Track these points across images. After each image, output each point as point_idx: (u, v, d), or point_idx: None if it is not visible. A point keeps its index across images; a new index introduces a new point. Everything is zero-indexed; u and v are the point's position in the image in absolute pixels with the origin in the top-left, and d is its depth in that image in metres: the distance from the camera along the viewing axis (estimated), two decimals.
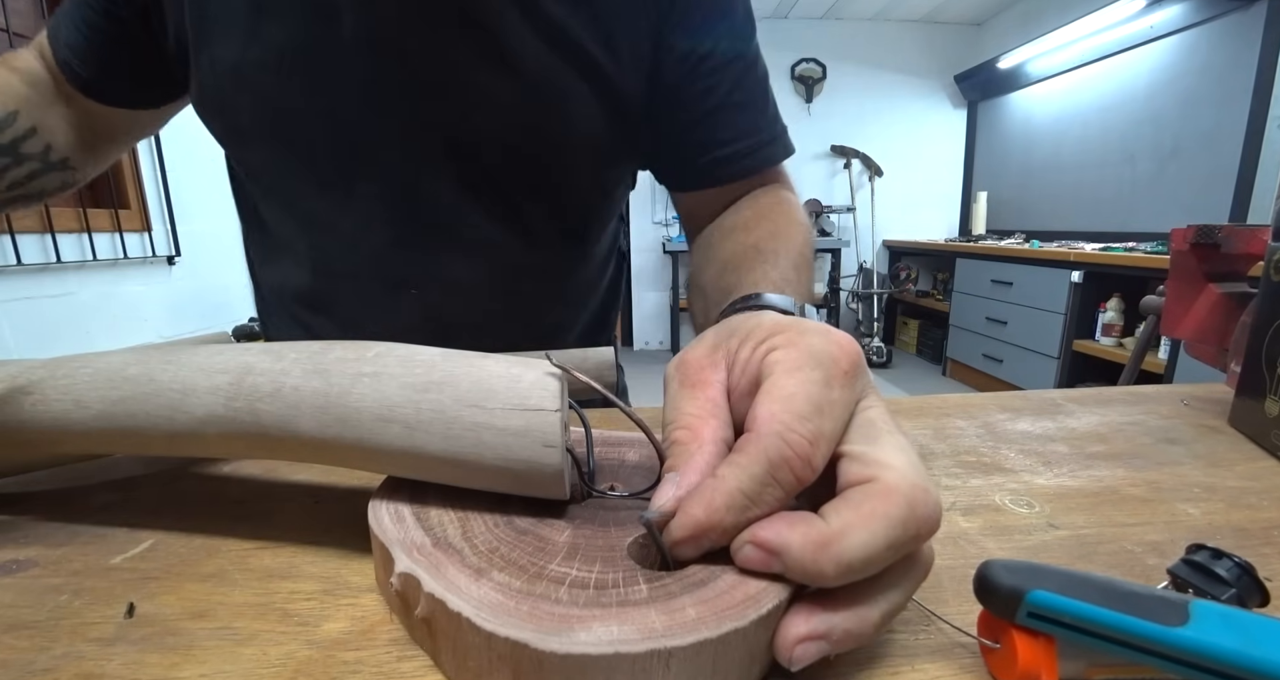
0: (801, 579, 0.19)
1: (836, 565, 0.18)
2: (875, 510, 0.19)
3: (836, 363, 0.22)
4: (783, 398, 0.20)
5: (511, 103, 0.46)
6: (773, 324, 0.24)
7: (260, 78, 0.45)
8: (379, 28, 0.44)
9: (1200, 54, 2.49)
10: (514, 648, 0.17)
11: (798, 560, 0.18)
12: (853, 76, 3.89)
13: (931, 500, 0.19)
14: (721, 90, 0.51)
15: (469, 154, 0.48)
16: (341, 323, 0.55)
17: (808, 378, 0.21)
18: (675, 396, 0.24)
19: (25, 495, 0.32)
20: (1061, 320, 2.56)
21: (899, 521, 0.19)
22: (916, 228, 4.13)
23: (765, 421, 0.20)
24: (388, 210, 0.50)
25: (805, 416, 0.20)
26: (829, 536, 0.18)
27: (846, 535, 0.18)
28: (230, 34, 0.44)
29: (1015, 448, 0.41)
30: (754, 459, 0.19)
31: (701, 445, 0.21)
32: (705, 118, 0.52)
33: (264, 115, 0.47)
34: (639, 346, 4.19)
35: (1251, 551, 0.28)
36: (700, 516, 0.19)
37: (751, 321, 0.25)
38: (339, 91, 0.45)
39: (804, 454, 0.19)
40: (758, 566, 0.19)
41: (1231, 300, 0.59)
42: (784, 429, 0.20)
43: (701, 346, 0.25)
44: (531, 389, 0.23)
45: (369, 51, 0.44)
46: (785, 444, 0.19)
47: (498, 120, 0.47)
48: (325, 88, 0.45)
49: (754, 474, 0.19)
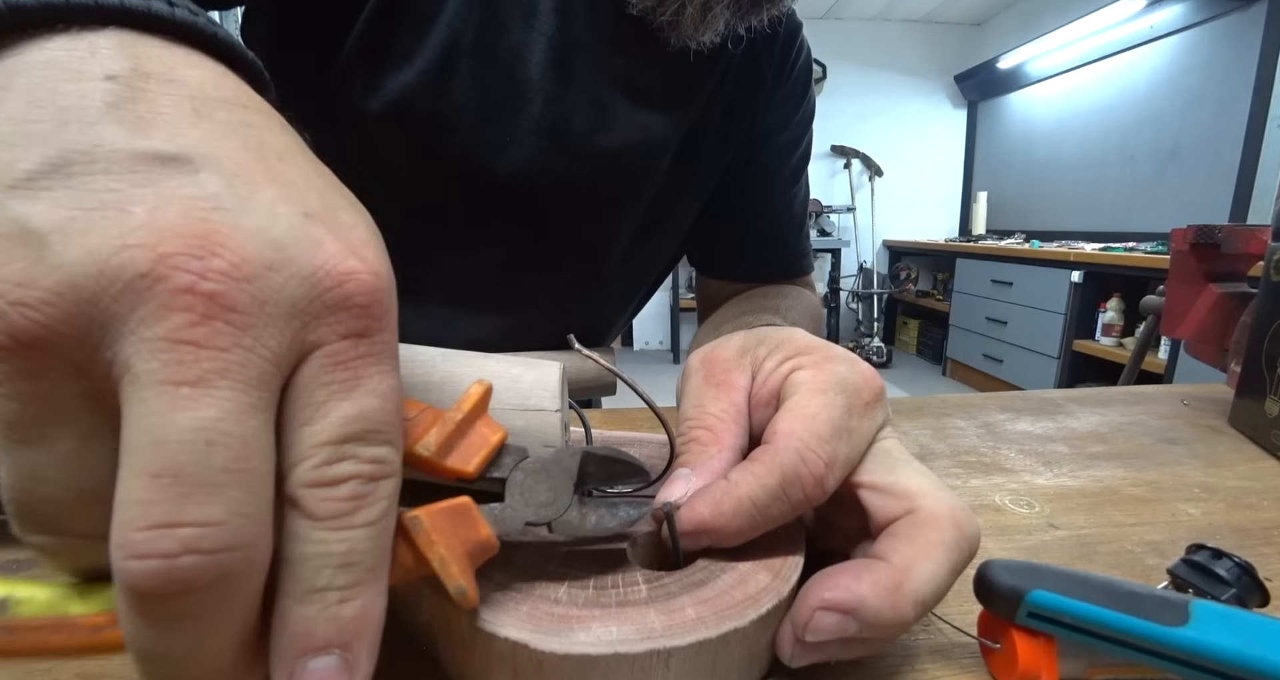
0: (881, 633, 0.18)
1: (914, 604, 0.18)
2: (930, 539, 0.19)
3: (859, 392, 0.22)
4: (805, 417, 0.21)
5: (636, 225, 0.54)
6: (804, 343, 0.24)
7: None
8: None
9: (1200, 54, 2.49)
10: (513, 648, 0.17)
11: (876, 611, 0.17)
12: (853, 76, 3.88)
13: (972, 519, 0.20)
14: (777, 189, 0.59)
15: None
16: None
17: (831, 402, 0.21)
18: (699, 392, 0.24)
19: None
20: (1061, 320, 2.55)
21: (954, 546, 0.19)
22: (916, 228, 4.12)
23: (785, 437, 0.20)
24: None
25: (825, 438, 0.20)
26: (898, 576, 0.18)
27: (913, 571, 0.18)
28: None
29: (1015, 448, 0.41)
30: (769, 471, 0.19)
31: (721, 449, 0.22)
32: (760, 216, 0.60)
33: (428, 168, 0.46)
34: (639, 346, 4.19)
35: (1251, 551, 0.28)
36: (705, 515, 0.19)
37: (782, 334, 0.25)
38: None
39: (818, 474, 0.19)
40: (833, 634, 0.18)
41: (1231, 300, 0.59)
42: (802, 446, 0.20)
43: (729, 347, 0.25)
44: (532, 389, 0.23)
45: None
46: (801, 461, 0.19)
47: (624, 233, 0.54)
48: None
49: (766, 485, 0.19)
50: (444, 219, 0.48)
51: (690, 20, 0.41)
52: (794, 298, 0.57)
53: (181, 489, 0.11)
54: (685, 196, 0.55)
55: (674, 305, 3.97)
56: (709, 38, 0.43)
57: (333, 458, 0.13)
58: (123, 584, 0.11)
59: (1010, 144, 3.69)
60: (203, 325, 0.11)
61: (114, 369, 0.11)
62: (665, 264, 0.63)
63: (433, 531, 0.15)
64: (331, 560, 0.12)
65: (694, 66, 0.46)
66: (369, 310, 0.13)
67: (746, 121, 0.55)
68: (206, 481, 0.11)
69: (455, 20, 0.41)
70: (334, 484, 0.12)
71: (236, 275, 0.12)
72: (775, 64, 0.54)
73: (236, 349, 0.11)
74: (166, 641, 0.11)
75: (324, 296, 0.13)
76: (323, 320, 0.13)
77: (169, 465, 0.11)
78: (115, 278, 0.11)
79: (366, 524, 0.13)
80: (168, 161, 0.12)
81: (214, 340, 0.11)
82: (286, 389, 0.13)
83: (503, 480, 0.18)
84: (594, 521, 0.19)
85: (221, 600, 0.11)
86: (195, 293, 0.11)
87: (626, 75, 0.46)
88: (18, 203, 0.11)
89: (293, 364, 0.13)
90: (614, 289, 0.58)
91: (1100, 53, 2.95)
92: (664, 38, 0.43)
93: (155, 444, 0.11)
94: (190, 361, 0.11)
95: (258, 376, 0.12)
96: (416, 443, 0.16)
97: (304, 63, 0.43)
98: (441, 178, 0.46)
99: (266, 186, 0.13)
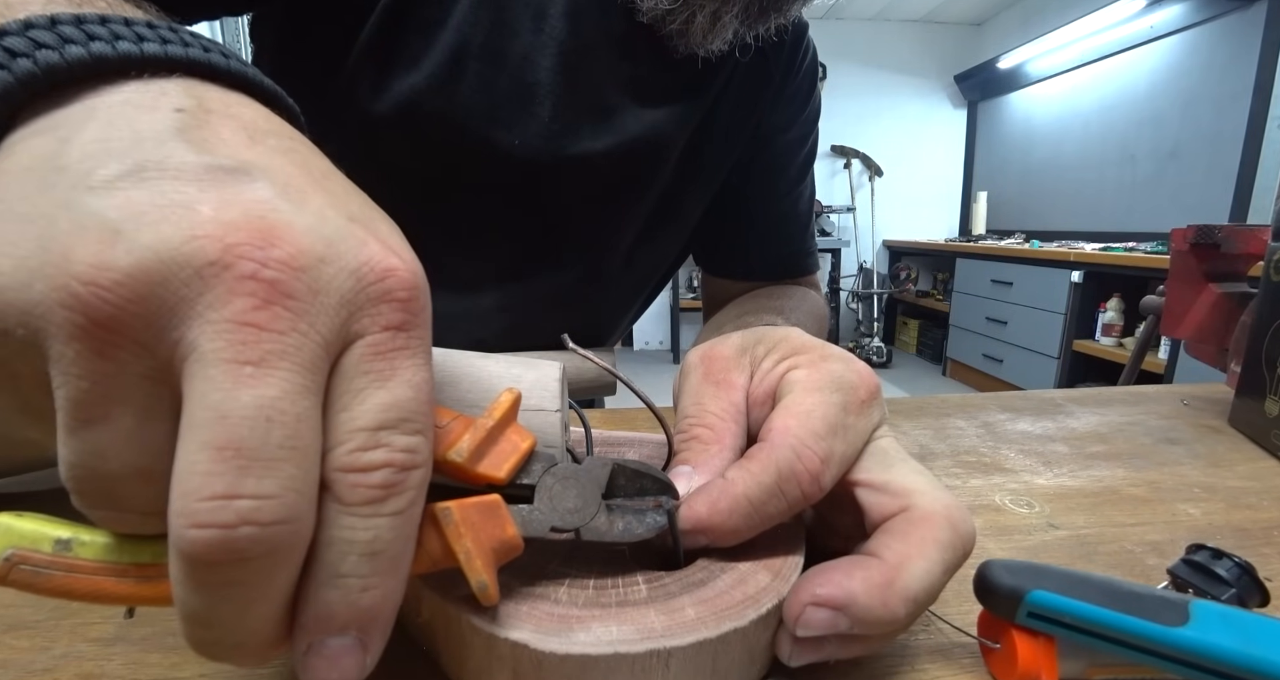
0: (874, 629, 0.18)
1: (906, 601, 0.18)
2: (924, 537, 0.19)
3: (855, 390, 0.22)
4: (800, 414, 0.21)
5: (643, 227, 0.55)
6: (800, 342, 0.24)
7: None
8: None
9: (1200, 54, 2.49)
10: (513, 648, 0.17)
11: (866, 607, 0.17)
12: (853, 76, 3.88)
13: (967, 517, 0.20)
14: (783, 185, 0.60)
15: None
16: None
17: (827, 400, 0.21)
18: (698, 390, 0.24)
19: (25, 495, 0.32)
20: (1061, 320, 2.55)
21: (948, 544, 0.19)
22: (916, 228, 4.12)
23: (780, 434, 0.20)
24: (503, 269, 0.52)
25: (820, 435, 0.20)
26: (890, 573, 0.18)
27: (906, 568, 0.18)
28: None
29: (1015, 448, 0.41)
30: (765, 468, 0.19)
31: (722, 448, 0.22)
32: (765, 215, 0.60)
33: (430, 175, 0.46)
34: (639, 346, 4.19)
35: (1251, 551, 0.27)
36: (702, 514, 0.19)
37: (779, 334, 0.25)
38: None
39: (814, 471, 0.19)
40: (825, 629, 0.18)
41: (1231, 300, 0.59)
42: (798, 443, 0.20)
43: (728, 345, 0.25)
44: (532, 389, 0.23)
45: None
46: (797, 458, 0.19)
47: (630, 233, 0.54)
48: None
49: (762, 483, 0.19)
50: (450, 219, 0.48)
51: (700, 29, 0.41)
52: (798, 298, 0.57)
53: (242, 462, 0.11)
54: (691, 195, 0.55)
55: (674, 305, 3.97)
56: (718, 46, 0.43)
57: (368, 443, 0.13)
58: (180, 551, 0.11)
59: (1010, 144, 3.69)
60: (264, 309, 0.12)
61: (179, 349, 0.12)
62: (670, 264, 0.63)
63: (462, 524, 0.16)
64: (356, 547, 0.13)
65: (702, 67, 0.46)
66: (408, 305, 0.14)
67: (753, 119, 0.55)
68: (265, 456, 0.12)
69: (464, 24, 0.42)
70: (367, 470, 0.13)
71: (294, 265, 0.13)
72: (783, 62, 0.54)
73: (293, 333, 0.12)
74: (214, 606, 0.12)
75: (368, 289, 0.14)
76: (366, 311, 0.14)
77: (232, 438, 0.11)
78: (186, 264, 0.12)
79: (394, 513, 0.13)
80: (230, 171, 0.13)
81: (274, 323, 0.12)
82: (331, 375, 0.14)
83: (532, 486, 0.18)
84: (620, 528, 0.19)
85: (269, 571, 0.12)
86: (258, 279, 0.12)
87: (635, 78, 0.46)
88: (95, 198, 0.12)
89: (339, 352, 0.14)
90: (618, 289, 0.58)
91: (1100, 53, 2.95)
92: (673, 45, 0.44)
93: (220, 418, 0.11)
94: (253, 342, 0.12)
95: (311, 360, 0.13)
96: (449, 449, 0.16)
97: (312, 66, 0.43)
98: (449, 179, 0.46)
99: (315, 194, 0.14)
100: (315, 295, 0.13)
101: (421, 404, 0.14)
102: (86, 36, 0.14)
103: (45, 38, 0.14)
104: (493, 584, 0.16)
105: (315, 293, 0.13)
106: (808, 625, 0.18)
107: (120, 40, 0.15)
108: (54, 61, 0.14)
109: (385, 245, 0.14)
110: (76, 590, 0.14)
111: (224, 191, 0.13)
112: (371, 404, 0.13)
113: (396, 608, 0.14)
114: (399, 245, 0.15)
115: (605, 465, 0.19)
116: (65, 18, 0.14)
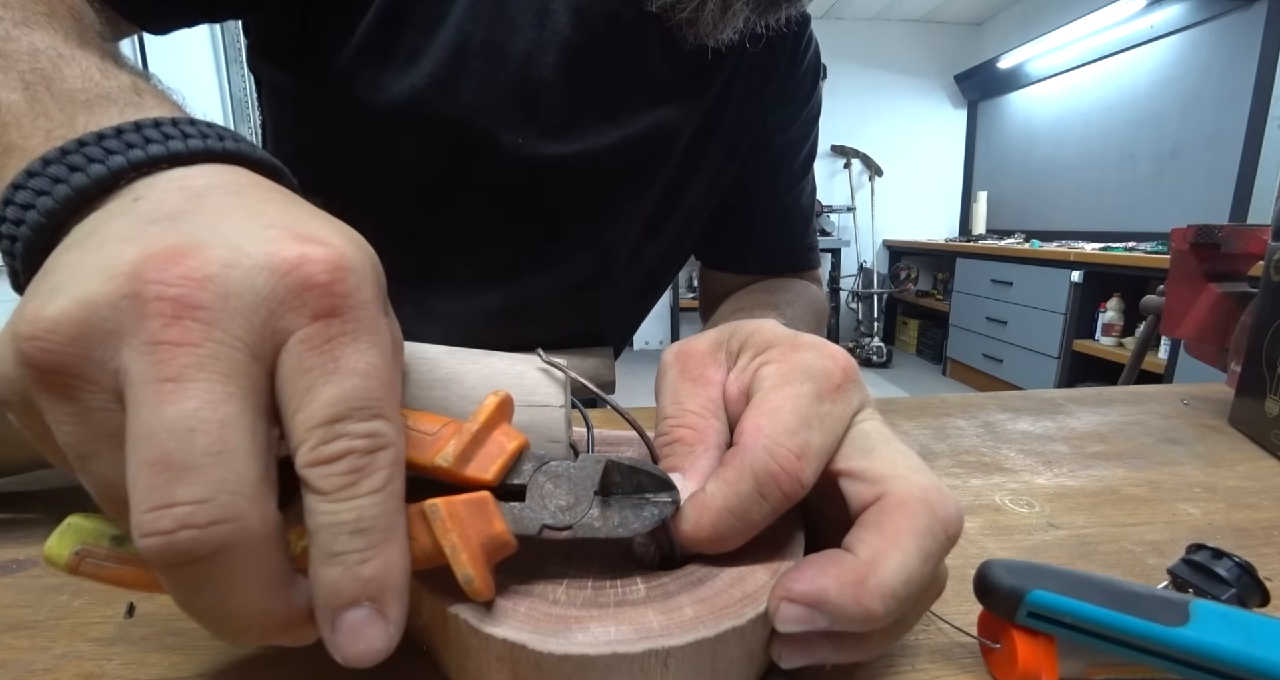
0: (852, 626, 0.17)
1: (882, 598, 0.17)
2: (899, 527, 0.18)
3: (829, 376, 0.21)
4: (769, 412, 0.20)
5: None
6: (772, 334, 0.24)
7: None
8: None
9: (1200, 54, 2.49)
10: (512, 649, 0.17)
11: (839, 605, 0.17)
12: (853, 76, 3.88)
13: (948, 499, 0.19)
14: (785, 182, 0.60)
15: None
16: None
17: (797, 392, 0.20)
18: (675, 389, 0.23)
19: (25, 495, 0.32)
20: (1061, 320, 2.55)
21: (925, 531, 0.18)
22: (916, 228, 4.12)
23: (751, 436, 0.19)
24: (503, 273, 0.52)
25: (792, 430, 0.19)
26: (862, 570, 0.17)
27: (880, 563, 0.17)
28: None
29: (1015, 448, 0.41)
30: (740, 475, 0.19)
31: (707, 448, 0.21)
32: (768, 209, 0.60)
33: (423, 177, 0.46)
34: (639, 346, 4.18)
35: (1251, 551, 0.27)
36: (687, 533, 0.19)
37: (752, 326, 0.25)
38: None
39: (791, 469, 0.19)
40: (801, 626, 0.17)
41: (1231, 300, 0.59)
42: (770, 443, 0.19)
43: (703, 341, 0.25)
44: (536, 385, 0.23)
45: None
46: (771, 458, 0.19)
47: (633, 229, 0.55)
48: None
49: (740, 491, 0.19)
50: (452, 218, 0.48)
51: (710, 18, 0.41)
52: (797, 292, 0.57)
53: (170, 473, 0.12)
54: (696, 187, 0.55)
55: (674, 305, 3.97)
56: (728, 36, 0.42)
57: (326, 438, 0.14)
58: (145, 558, 0.12)
59: (1010, 144, 3.69)
60: (175, 325, 0.13)
61: (119, 377, 0.13)
62: (672, 262, 0.63)
63: (449, 519, 0.16)
64: (344, 528, 0.14)
65: (710, 59, 0.45)
66: (331, 288, 0.14)
67: (758, 112, 0.54)
68: (192, 464, 0.12)
69: (463, 21, 0.41)
70: (331, 461, 0.14)
71: (196, 276, 0.13)
72: (788, 54, 0.53)
73: (208, 343, 0.13)
74: (193, 600, 0.14)
75: (284, 281, 0.14)
76: (288, 305, 0.14)
77: (160, 453, 0.12)
78: (104, 301, 0.13)
79: (371, 491, 0.14)
80: (156, 222, 0.14)
81: (187, 337, 0.13)
82: (276, 379, 0.14)
83: (523, 486, 0.18)
84: (616, 523, 0.19)
85: (229, 565, 0.13)
86: (163, 298, 0.13)
87: (641, 71, 0.46)
88: (46, 278, 0.14)
89: (272, 352, 0.14)
90: (620, 288, 0.58)
91: (1100, 53, 2.95)
92: (682, 35, 0.43)
93: (149, 436, 0.12)
94: (168, 359, 0.13)
95: (231, 367, 0.13)
96: (437, 455, 0.17)
97: (312, 65, 0.43)
98: (451, 178, 0.46)
99: (236, 215, 0.15)
100: (225, 301, 0.13)
101: (374, 388, 0.14)
102: (108, 152, 0.16)
103: (61, 171, 0.16)
104: (480, 578, 0.16)
105: (225, 298, 0.13)
106: (784, 620, 0.17)
107: (133, 149, 0.16)
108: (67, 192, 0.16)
109: (299, 236, 0.14)
110: (127, 580, 0.16)
111: (149, 239, 0.14)
112: (321, 400, 0.14)
113: (405, 575, 0.15)
114: (321, 233, 0.15)
115: (598, 462, 0.19)
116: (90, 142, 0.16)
